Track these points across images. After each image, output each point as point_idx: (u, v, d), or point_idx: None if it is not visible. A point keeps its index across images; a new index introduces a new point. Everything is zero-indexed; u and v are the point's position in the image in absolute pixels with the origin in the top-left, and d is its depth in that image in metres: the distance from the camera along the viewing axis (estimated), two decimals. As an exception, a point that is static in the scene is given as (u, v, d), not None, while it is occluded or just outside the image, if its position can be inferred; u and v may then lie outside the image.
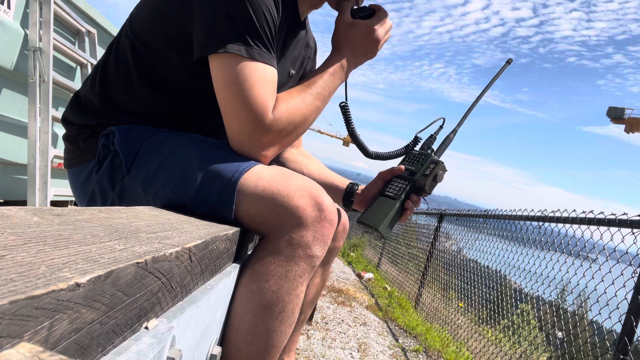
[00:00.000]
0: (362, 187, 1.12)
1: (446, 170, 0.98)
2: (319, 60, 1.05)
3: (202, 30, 0.74)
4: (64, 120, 0.92)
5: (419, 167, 0.98)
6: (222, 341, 0.70)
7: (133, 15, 0.88)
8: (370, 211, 0.97)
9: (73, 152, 0.89)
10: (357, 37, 0.90)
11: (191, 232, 0.54)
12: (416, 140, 1.06)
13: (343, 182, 1.15)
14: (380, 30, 0.91)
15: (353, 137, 1.06)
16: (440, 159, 1.01)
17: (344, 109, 1.03)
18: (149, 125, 0.85)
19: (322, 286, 1.16)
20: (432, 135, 1.04)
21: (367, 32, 0.90)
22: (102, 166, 0.82)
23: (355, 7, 0.94)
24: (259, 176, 0.72)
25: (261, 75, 0.74)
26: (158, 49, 0.83)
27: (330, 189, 1.15)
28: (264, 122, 0.75)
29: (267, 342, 0.70)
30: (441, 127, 1.03)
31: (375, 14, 0.92)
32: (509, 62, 1.07)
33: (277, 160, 1.19)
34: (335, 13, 0.96)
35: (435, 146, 1.04)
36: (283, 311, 0.69)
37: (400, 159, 1.07)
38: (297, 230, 0.69)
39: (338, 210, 1.08)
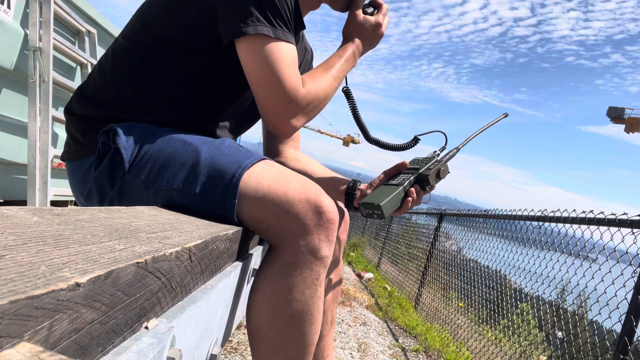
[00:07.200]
0: (365, 184, 1.14)
1: (449, 172, 1.01)
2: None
3: (229, 15, 0.80)
4: (67, 111, 0.92)
5: (423, 165, 1.02)
6: (255, 353, 0.77)
7: (144, 8, 0.91)
8: (372, 194, 0.99)
9: (73, 145, 0.89)
10: (366, 32, 1.03)
11: (191, 232, 0.54)
12: (416, 140, 1.11)
13: (346, 180, 1.17)
14: (384, 26, 1.05)
15: (356, 120, 1.12)
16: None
17: (347, 93, 1.09)
18: (159, 116, 0.87)
19: (339, 283, 1.18)
20: (435, 152, 1.08)
21: (375, 28, 1.03)
22: (101, 163, 0.82)
23: (365, 3, 1.05)
24: (258, 180, 0.75)
25: (289, 55, 0.84)
26: (174, 38, 0.86)
27: (332, 185, 1.16)
28: (297, 97, 0.85)
29: (304, 344, 0.76)
30: (444, 147, 1.08)
31: (380, 10, 1.04)
32: (505, 115, 1.16)
33: (278, 161, 1.20)
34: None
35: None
36: (311, 314, 0.76)
37: (401, 155, 1.10)
38: (303, 237, 0.73)
39: (338, 206, 1.09)
